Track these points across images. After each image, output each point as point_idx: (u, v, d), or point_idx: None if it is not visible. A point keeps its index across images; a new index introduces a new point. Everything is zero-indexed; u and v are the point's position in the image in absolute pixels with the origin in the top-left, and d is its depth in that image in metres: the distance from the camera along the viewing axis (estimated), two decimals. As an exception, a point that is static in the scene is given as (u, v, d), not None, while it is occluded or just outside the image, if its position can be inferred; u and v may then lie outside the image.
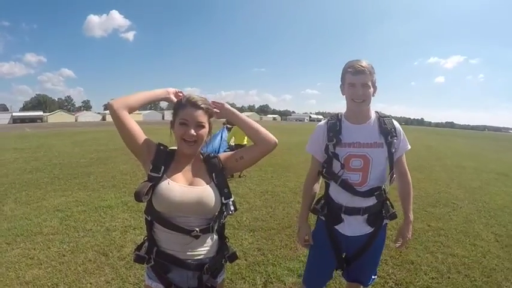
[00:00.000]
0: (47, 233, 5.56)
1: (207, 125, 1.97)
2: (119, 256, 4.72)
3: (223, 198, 1.96)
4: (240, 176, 10.45)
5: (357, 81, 2.30)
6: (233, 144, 11.13)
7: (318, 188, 2.74)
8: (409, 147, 2.52)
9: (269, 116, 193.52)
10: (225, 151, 2.84)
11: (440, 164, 15.89)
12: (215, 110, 2.05)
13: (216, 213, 1.95)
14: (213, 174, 2.00)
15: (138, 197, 1.78)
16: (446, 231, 5.97)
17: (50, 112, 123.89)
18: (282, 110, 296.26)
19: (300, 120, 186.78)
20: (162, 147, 1.99)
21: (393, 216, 2.52)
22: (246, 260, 4.65)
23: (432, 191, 9.27)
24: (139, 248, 2.02)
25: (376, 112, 2.51)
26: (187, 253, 1.91)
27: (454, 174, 12.88)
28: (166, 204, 1.85)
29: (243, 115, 2.10)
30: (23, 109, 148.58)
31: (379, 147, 2.39)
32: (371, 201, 2.43)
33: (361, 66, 2.29)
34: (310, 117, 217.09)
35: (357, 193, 2.39)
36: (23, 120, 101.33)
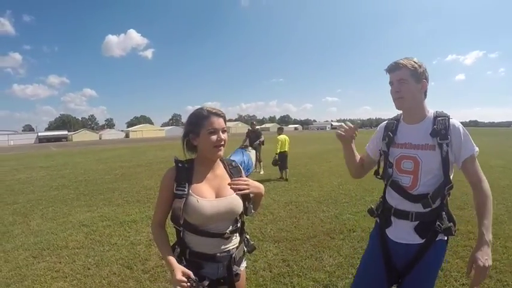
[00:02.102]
0: (72, 247, 5.62)
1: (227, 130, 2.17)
2: (143, 269, 4.71)
3: (246, 202, 2.17)
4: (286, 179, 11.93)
5: (393, 78, 2.27)
6: (278, 152, 12.51)
7: (359, 160, 2.68)
8: (477, 150, 2.24)
9: (290, 126, 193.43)
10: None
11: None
12: (242, 188, 2.16)
13: (239, 215, 2.18)
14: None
15: (175, 221, 1.99)
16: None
17: (74, 131, 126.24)
18: (303, 119, 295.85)
19: (321, 129, 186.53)
20: (180, 165, 2.11)
21: (448, 232, 2.21)
22: (270, 271, 4.58)
23: (459, 193, 8.86)
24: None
25: (435, 112, 2.33)
26: (218, 250, 2.07)
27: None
28: (199, 219, 2.00)
29: (263, 193, 2.32)
30: (48, 129, 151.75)
31: (431, 149, 2.22)
32: (421, 207, 2.23)
33: (396, 62, 2.26)
34: (331, 125, 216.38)
35: (407, 196, 2.28)
36: (48, 139, 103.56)
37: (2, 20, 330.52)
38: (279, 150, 12.47)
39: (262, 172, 13.63)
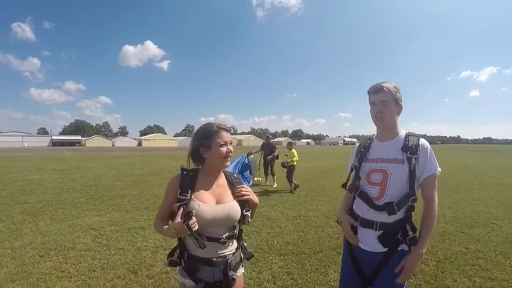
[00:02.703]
0: (79, 249, 5.66)
1: None
2: (147, 275, 4.72)
3: (244, 210, 2.35)
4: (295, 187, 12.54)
5: (376, 100, 2.46)
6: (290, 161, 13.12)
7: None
8: (439, 170, 2.43)
9: (303, 140, 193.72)
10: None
11: (478, 182, 15.33)
12: (244, 194, 2.36)
13: (237, 222, 2.34)
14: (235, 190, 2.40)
15: (186, 218, 2.04)
16: (485, 254, 5.65)
17: (88, 137, 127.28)
18: (315, 134, 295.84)
19: (333, 144, 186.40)
20: (185, 172, 2.32)
21: (412, 242, 2.36)
22: (274, 283, 4.56)
23: (470, 211, 8.89)
24: (171, 254, 2.32)
25: (407, 132, 2.55)
26: (215, 254, 2.24)
27: (493, 192, 12.38)
28: (199, 223, 2.09)
29: (258, 204, 2.49)
30: (62, 133, 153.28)
31: (400, 163, 2.40)
32: (385, 216, 2.39)
33: (381, 85, 2.45)
34: (344, 140, 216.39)
35: (372, 206, 2.44)
36: (62, 143, 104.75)
37: (23, 26, 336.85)
38: (290, 160, 13.07)
39: (275, 185, 13.61)
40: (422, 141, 2.44)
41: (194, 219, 2.04)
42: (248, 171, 11.74)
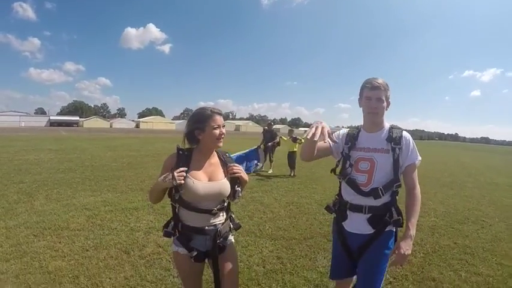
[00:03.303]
0: (73, 228, 5.73)
1: None
2: (140, 255, 4.80)
3: (236, 186, 2.58)
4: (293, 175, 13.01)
5: (372, 96, 2.60)
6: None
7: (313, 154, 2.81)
8: (419, 159, 2.65)
9: (301, 129, 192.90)
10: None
11: (472, 180, 15.38)
12: (235, 171, 2.57)
13: (227, 196, 2.57)
14: (227, 169, 2.61)
15: (176, 190, 2.39)
16: (472, 249, 5.75)
17: (86, 118, 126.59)
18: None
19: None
20: (181, 152, 2.52)
21: (397, 223, 2.61)
22: (264, 267, 4.64)
23: (462, 207, 8.98)
24: (166, 225, 2.55)
25: (391, 125, 2.74)
26: (206, 224, 2.48)
27: (486, 191, 12.42)
28: (193, 197, 2.41)
29: (247, 181, 2.71)
30: (60, 113, 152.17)
31: (385, 152, 2.60)
32: (372, 200, 2.58)
33: (377, 82, 2.58)
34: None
35: (360, 192, 2.61)
36: (59, 123, 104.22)
37: (24, 6, 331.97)
38: (292, 150, 13.50)
39: (270, 171, 13.66)
40: (405, 133, 2.65)
41: (183, 173, 2.35)
42: (256, 161, 11.82)
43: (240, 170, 2.59)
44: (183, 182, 2.34)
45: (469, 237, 6.42)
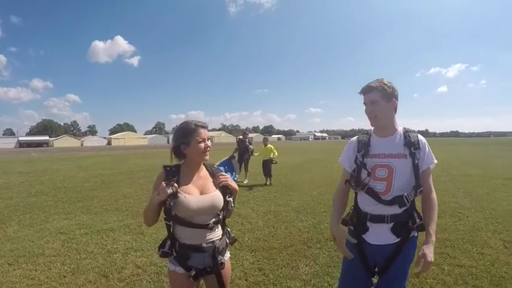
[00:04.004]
0: (48, 254, 5.58)
1: None
2: (119, 278, 4.70)
3: (227, 197, 2.55)
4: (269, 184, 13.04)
5: (366, 100, 2.54)
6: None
7: (347, 199, 2.81)
8: (435, 162, 2.57)
9: (273, 136, 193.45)
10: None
11: (445, 174, 15.74)
12: (222, 180, 2.56)
13: (221, 208, 2.51)
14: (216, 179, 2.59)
15: (167, 212, 2.38)
16: (452, 242, 5.88)
17: (56, 137, 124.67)
18: (286, 129, 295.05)
19: (304, 139, 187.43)
20: (168, 168, 2.49)
21: (420, 228, 2.52)
22: (246, 280, 4.61)
23: (438, 201, 8.89)
24: (162, 245, 2.49)
25: (404, 128, 2.63)
26: (204, 240, 2.43)
27: (460, 183, 12.83)
28: (186, 213, 2.36)
29: (237, 190, 2.67)
30: (29, 134, 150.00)
31: (403, 158, 2.48)
32: (395, 209, 2.48)
33: (368, 85, 2.51)
34: (314, 135, 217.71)
35: (381, 201, 2.49)
36: (29, 144, 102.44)
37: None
38: (266, 158, 13.65)
39: (246, 181, 13.66)
40: (420, 136, 2.56)
41: (175, 184, 2.34)
42: (234, 173, 11.78)
43: (227, 178, 2.58)
44: (176, 187, 2.33)
45: (447, 230, 6.54)
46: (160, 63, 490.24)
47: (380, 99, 2.47)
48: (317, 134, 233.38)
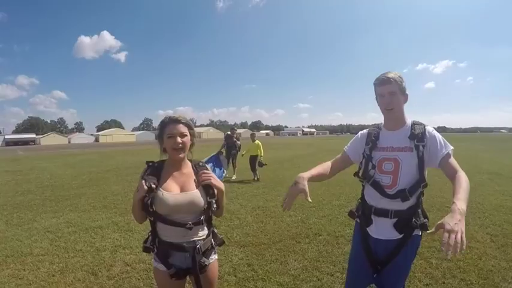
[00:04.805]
0: (37, 253, 5.56)
1: (188, 135, 2.44)
2: (108, 275, 4.70)
3: (208, 197, 2.43)
4: (256, 179, 13.18)
5: (384, 91, 2.49)
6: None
7: (327, 170, 2.78)
8: (451, 148, 2.48)
9: (262, 131, 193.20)
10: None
11: (432, 169, 15.57)
12: (204, 178, 2.43)
13: (204, 209, 2.42)
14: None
15: (145, 208, 2.31)
16: (440, 236, 5.79)
17: (42, 134, 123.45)
18: (274, 125, 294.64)
19: (292, 135, 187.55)
20: (150, 164, 2.47)
21: (424, 227, 2.46)
22: (235, 276, 4.63)
23: (425, 196, 9.07)
24: (145, 241, 2.48)
25: (413, 120, 2.61)
26: (183, 239, 2.36)
27: (446, 178, 12.64)
28: (164, 209, 2.32)
29: (223, 190, 2.52)
30: (16, 132, 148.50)
31: (409, 151, 2.47)
32: (399, 204, 2.47)
33: (386, 76, 2.47)
34: (303, 131, 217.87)
35: (385, 195, 2.50)
36: (15, 143, 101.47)
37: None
38: (254, 154, 13.71)
39: (234, 177, 13.66)
40: (428, 128, 2.52)
41: (152, 181, 2.31)
42: (222, 168, 11.77)
43: (210, 176, 2.44)
44: (146, 188, 2.26)
45: (435, 224, 6.51)
46: (147, 59, 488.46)
47: (398, 91, 2.47)
48: (305, 130, 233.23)
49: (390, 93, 2.46)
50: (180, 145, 2.36)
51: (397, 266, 2.53)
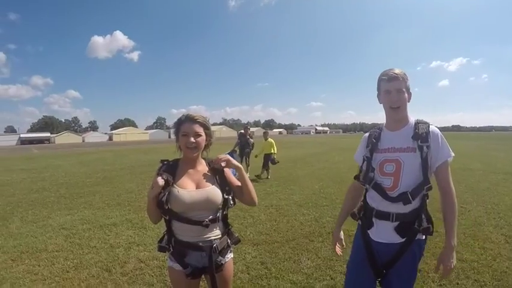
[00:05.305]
0: (51, 250, 5.61)
1: (203, 134, 2.41)
2: (121, 272, 4.73)
3: (224, 194, 2.42)
4: (267, 177, 13.18)
5: (391, 88, 2.39)
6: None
7: (359, 197, 2.77)
8: (452, 155, 2.40)
9: (275, 130, 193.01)
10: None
11: None
12: (222, 164, 2.45)
13: (220, 206, 2.42)
14: (217, 176, 2.48)
15: (160, 206, 2.30)
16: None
17: (57, 133, 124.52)
18: (287, 123, 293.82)
19: (305, 133, 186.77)
20: (166, 162, 2.46)
21: (427, 231, 2.37)
22: (248, 273, 4.62)
23: (439, 196, 9.05)
24: (160, 240, 2.45)
25: (417, 119, 2.50)
26: (200, 238, 2.35)
27: (461, 177, 12.62)
28: (180, 207, 2.30)
29: (245, 173, 2.54)
30: (31, 130, 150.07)
31: (412, 151, 2.36)
32: (401, 207, 2.36)
33: (394, 73, 2.38)
34: (316, 129, 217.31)
35: (386, 197, 2.40)
36: (30, 141, 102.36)
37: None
38: (268, 152, 13.69)
39: (247, 175, 13.48)
40: (432, 128, 2.40)
41: (167, 177, 2.30)
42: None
43: (226, 156, 2.47)
44: (162, 182, 2.25)
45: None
46: (160, 58, 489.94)
47: (405, 88, 2.39)
48: (318, 128, 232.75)
49: (398, 90, 2.37)
50: (194, 144, 2.35)
51: (400, 272, 2.43)
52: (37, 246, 5.78)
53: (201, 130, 2.40)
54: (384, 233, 2.44)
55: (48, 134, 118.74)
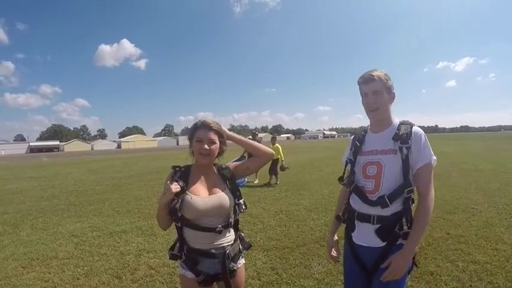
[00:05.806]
0: (62, 257, 5.62)
1: (217, 142, 2.42)
2: (132, 279, 4.72)
3: (236, 199, 2.43)
4: (276, 183, 13.06)
5: (368, 90, 2.33)
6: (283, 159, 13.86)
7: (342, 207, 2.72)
8: (434, 159, 2.29)
9: (282, 135, 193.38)
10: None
11: (456, 169, 15.69)
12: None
13: (232, 212, 2.42)
14: (227, 182, 2.48)
15: (173, 213, 2.29)
16: (466, 238, 5.80)
17: (66, 141, 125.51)
18: (295, 128, 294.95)
19: (313, 138, 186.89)
20: (177, 169, 2.44)
21: (405, 236, 2.24)
22: (259, 279, 4.59)
23: (450, 197, 9.07)
24: (172, 248, 2.42)
25: (401, 120, 2.43)
26: (212, 245, 2.33)
27: (471, 178, 12.73)
28: (193, 214, 2.28)
29: (242, 137, 2.67)
30: (40, 139, 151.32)
31: (393, 153, 2.28)
32: (380, 210, 2.27)
33: (371, 74, 2.32)
34: (324, 134, 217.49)
35: (366, 200, 2.34)
36: (40, 149, 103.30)
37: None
38: (274, 158, 13.19)
39: (256, 181, 13.62)
40: (415, 128, 2.31)
41: (180, 183, 2.28)
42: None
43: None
44: (179, 188, 2.23)
45: (461, 226, 6.46)
46: (167, 66, 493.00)
47: (383, 90, 2.31)
48: (326, 133, 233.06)
49: (374, 92, 2.31)
50: (207, 151, 2.35)
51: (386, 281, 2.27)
52: (47, 254, 5.79)
53: (215, 138, 2.40)
54: (364, 235, 2.37)
55: (57, 142, 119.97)
